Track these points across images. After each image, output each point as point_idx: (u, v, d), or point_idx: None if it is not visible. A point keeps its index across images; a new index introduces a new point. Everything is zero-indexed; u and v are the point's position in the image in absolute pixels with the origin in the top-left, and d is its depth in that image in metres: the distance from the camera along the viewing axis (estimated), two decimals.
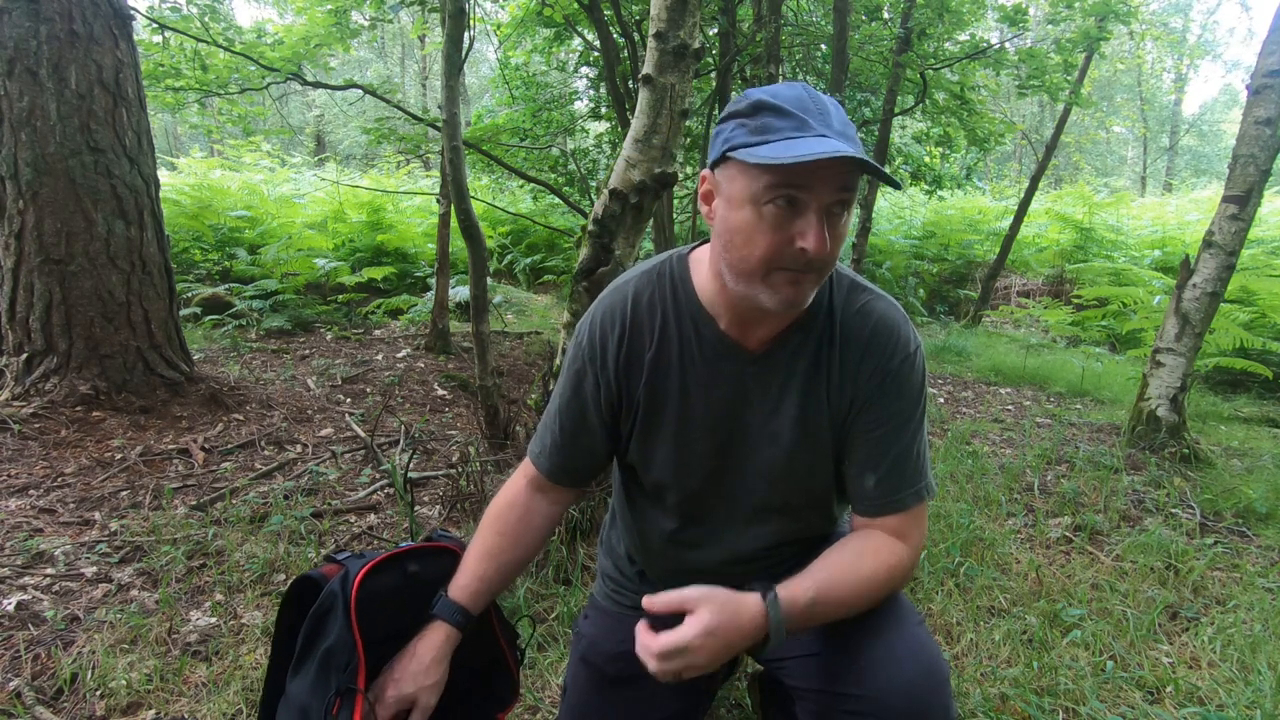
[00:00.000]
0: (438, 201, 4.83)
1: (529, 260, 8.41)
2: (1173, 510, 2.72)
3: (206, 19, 4.34)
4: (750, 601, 0.90)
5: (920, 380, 1.00)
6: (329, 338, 5.15)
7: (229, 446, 2.91)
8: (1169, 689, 1.66)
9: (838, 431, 1.02)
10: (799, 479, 1.05)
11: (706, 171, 0.95)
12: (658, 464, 1.08)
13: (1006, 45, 5.60)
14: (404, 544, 1.12)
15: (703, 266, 1.02)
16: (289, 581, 2.00)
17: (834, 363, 1.00)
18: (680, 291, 1.03)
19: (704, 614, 0.87)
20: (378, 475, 2.78)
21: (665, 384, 1.03)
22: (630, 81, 4.42)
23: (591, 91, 6.63)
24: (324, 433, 3.22)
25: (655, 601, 0.89)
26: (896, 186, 0.89)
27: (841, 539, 1.03)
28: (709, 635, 0.86)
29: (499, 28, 6.42)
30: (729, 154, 0.87)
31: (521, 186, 8.56)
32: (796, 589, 0.92)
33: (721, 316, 1.01)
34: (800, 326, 1.00)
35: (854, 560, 0.98)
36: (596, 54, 5.56)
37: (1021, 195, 8.07)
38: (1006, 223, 8.59)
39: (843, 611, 0.96)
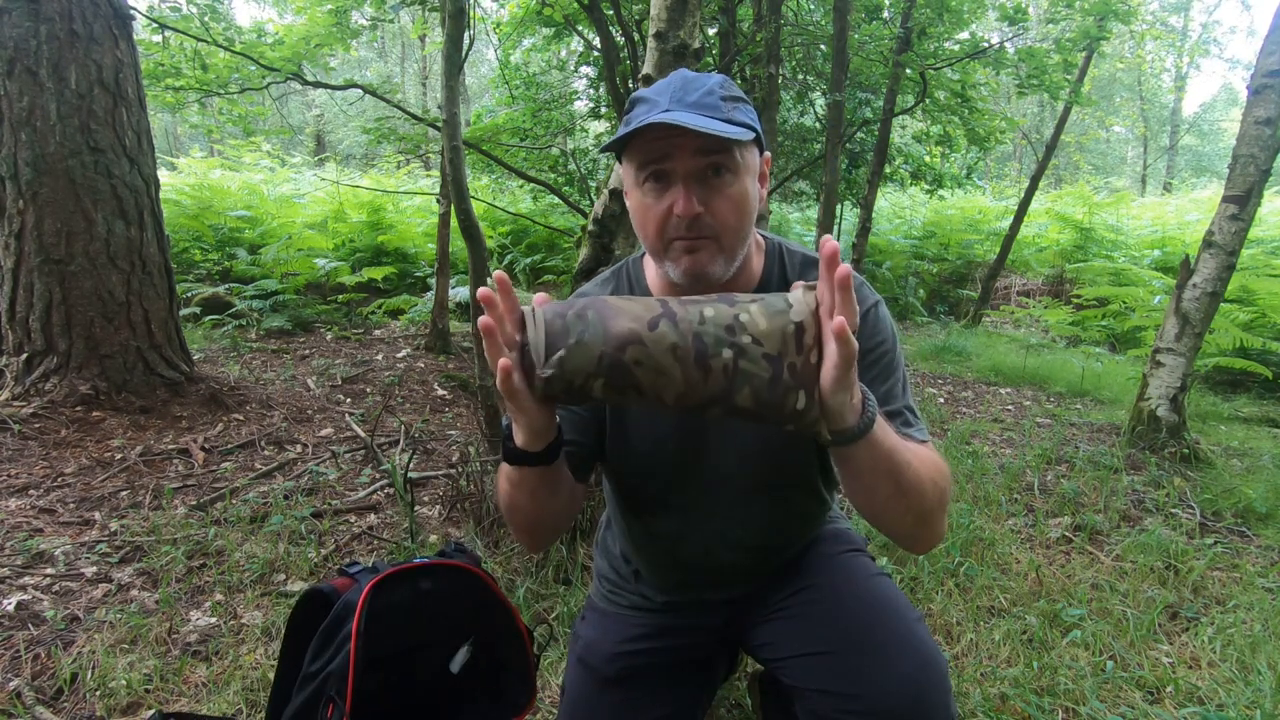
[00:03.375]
0: (438, 201, 4.83)
1: (529, 260, 8.41)
2: (1173, 510, 2.72)
3: (206, 19, 4.34)
4: None
5: (890, 331, 1.00)
6: (329, 338, 5.15)
7: (229, 446, 2.91)
8: (1169, 689, 1.66)
9: None
10: (775, 458, 1.05)
11: None
12: (632, 459, 1.09)
13: (1006, 44, 5.60)
14: (418, 559, 1.12)
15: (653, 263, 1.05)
16: (289, 581, 2.01)
17: None
18: (635, 289, 1.08)
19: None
20: (378, 475, 2.78)
21: None
22: (630, 81, 4.42)
23: (591, 91, 6.63)
24: (324, 433, 3.22)
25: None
26: (726, 142, 0.85)
27: None
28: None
29: (499, 27, 6.42)
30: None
31: (521, 186, 8.56)
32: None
33: None
34: None
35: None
36: (597, 54, 5.56)
37: (1021, 195, 8.06)
38: (1006, 222, 8.58)
39: (902, 475, 0.82)
